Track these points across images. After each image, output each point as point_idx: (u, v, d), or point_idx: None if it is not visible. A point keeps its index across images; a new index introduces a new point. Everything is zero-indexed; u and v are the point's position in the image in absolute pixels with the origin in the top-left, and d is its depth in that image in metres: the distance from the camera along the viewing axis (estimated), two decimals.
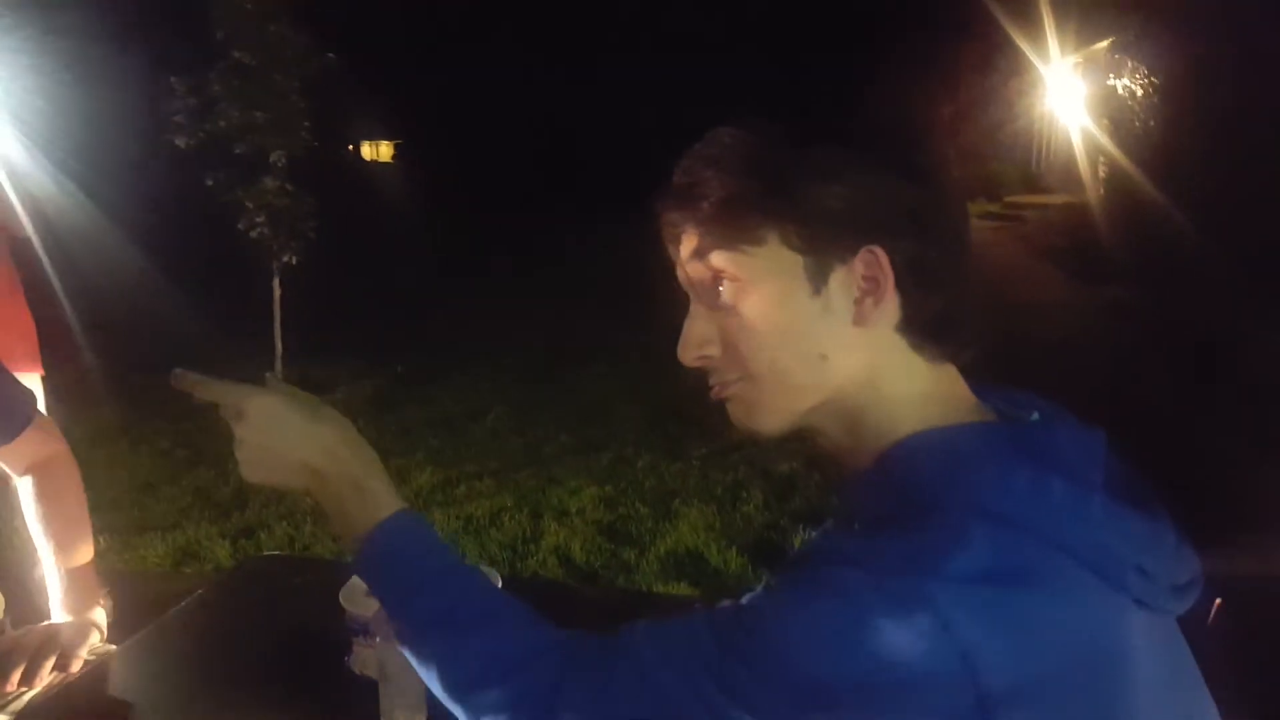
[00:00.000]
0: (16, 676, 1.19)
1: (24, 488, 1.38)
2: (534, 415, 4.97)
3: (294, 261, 5.01)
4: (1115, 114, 9.92)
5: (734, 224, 0.67)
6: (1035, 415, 0.69)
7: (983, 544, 0.56)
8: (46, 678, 1.21)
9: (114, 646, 1.30)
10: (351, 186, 13.53)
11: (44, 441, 1.38)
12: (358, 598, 1.14)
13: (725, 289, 0.69)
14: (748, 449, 4.11)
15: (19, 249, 2.25)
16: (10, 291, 2.09)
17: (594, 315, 7.45)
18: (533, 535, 3.42)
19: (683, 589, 2.94)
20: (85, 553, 1.38)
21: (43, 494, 1.37)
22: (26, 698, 1.19)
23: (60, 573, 1.35)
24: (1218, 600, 1.19)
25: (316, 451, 0.77)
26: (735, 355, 0.70)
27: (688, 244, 0.70)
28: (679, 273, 0.73)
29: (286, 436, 0.77)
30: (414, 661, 0.74)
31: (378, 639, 1.07)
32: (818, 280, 0.66)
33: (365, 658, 1.14)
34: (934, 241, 0.67)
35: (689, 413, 4.66)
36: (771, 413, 0.71)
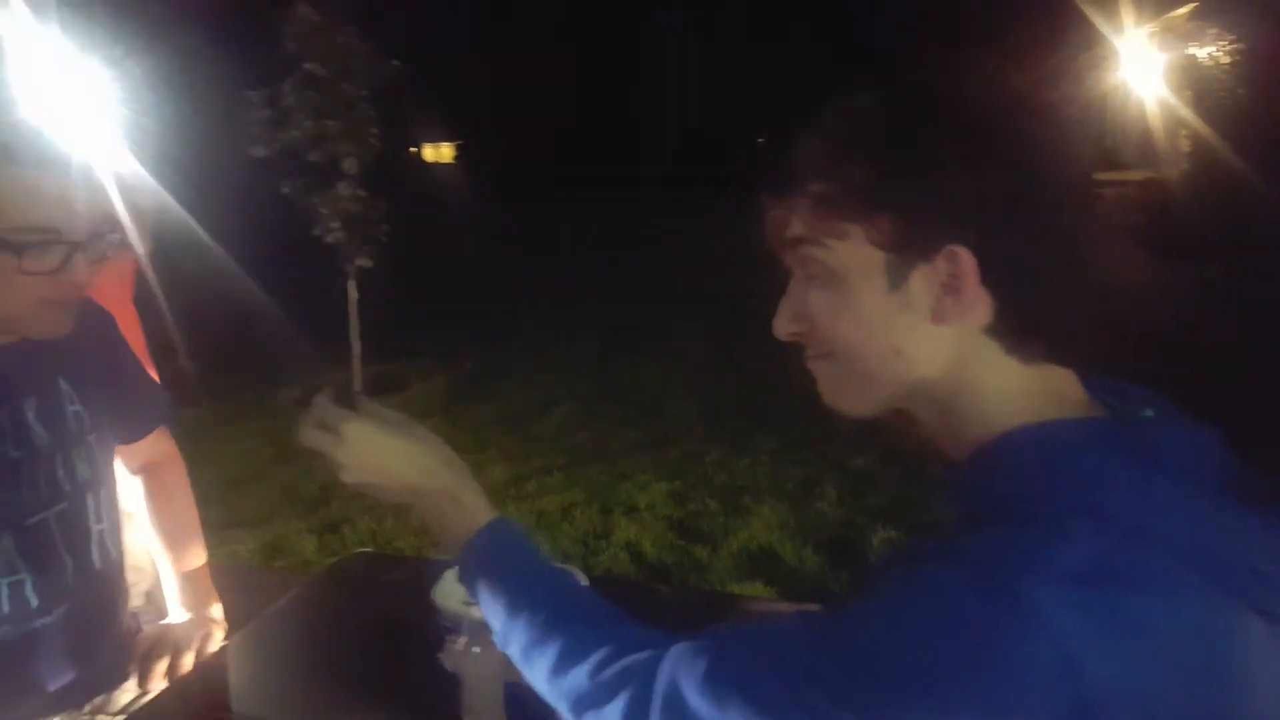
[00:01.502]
0: (159, 671, 1.28)
1: (137, 487, 1.45)
2: (600, 410, 5.03)
3: (368, 265, 5.16)
4: (1198, 84, 9.49)
5: (818, 218, 0.68)
6: (1148, 412, 0.67)
7: (1085, 543, 0.55)
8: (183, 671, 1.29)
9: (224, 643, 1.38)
10: (416, 188, 13.79)
11: (160, 442, 1.46)
12: (450, 595, 1.19)
13: (812, 271, 0.70)
14: (820, 444, 4.09)
15: (137, 263, 2.35)
16: (126, 302, 2.19)
17: (655, 308, 7.49)
18: (603, 531, 3.47)
19: (757, 588, 2.95)
20: (199, 551, 1.46)
21: (158, 493, 1.45)
22: (156, 694, 1.27)
23: (176, 571, 1.43)
24: None
25: (413, 470, 0.83)
26: (819, 335, 0.72)
27: (777, 226, 0.72)
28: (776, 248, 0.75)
29: (385, 459, 0.83)
30: (516, 660, 0.77)
31: (460, 641, 1.11)
32: (897, 277, 0.67)
33: (455, 653, 1.19)
34: (1034, 238, 0.64)
35: (756, 406, 4.66)
36: (850, 396, 0.73)
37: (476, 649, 1.08)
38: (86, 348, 1.25)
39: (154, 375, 2.23)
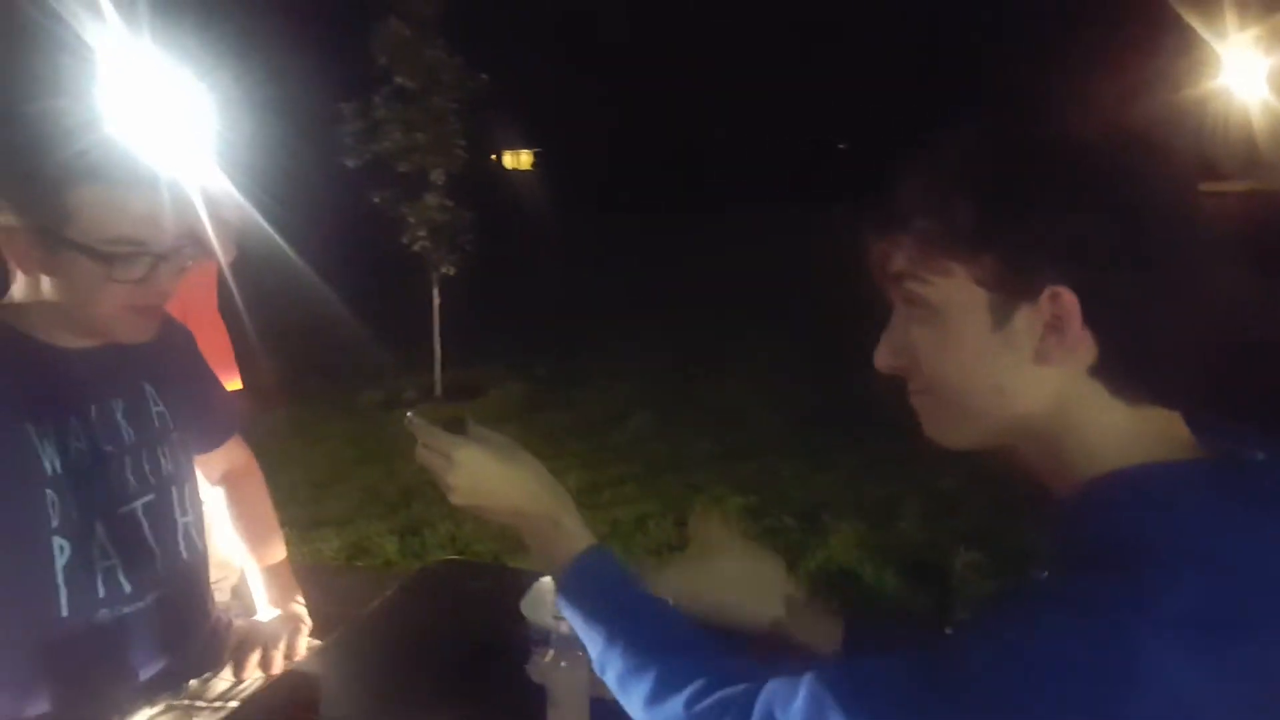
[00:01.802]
0: (253, 662, 1.34)
1: (219, 496, 1.53)
2: (675, 420, 5.03)
3: (452, 272, 5.29)
4: None
5: (921, 255, 0.69)
6: (1260, 455, 0.66)
7: (1195, 587, 0.55)
8: (277, 667, 1.35)
9: (317, 642, 1.43)
10: (497, 196, 14.07)
11: (238, 450, 1.54)
12: (539, 608, 1.21)
13: (916, 308, 0.71)
14: (903, 462, 4.01)
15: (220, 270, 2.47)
16: (211, 308, 2.30)
17: (734, 317, 7.47)
18: (678, 543, 3.46)
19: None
20: (279, 548, 1.53)
21: (239, 500, 1.53)
22: (251, 688, 1.33)
23: (260, 567, 1.50)
24: None
25: (518, 495, 0.86)
26: (921, 370, 0.72)
27: (880, 261, 0.72)
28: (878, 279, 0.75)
29: (492, 483, 0.87)
30: (613, 687, 0.79)
31: (548, 654, 1.13)
32: (1001, 316, 0.66)
33: (543, 666, 1.21)
34: (1140, 279, 0.63)
35: (836, 420, 4.60)
36: (952, 430, 0.73)
37: (564, 663, 1.09)
38: (168, 357, 1.33)
39: (238, 379, 2.33)
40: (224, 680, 1.34)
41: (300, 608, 1.49)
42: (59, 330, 1.20)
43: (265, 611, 1.48)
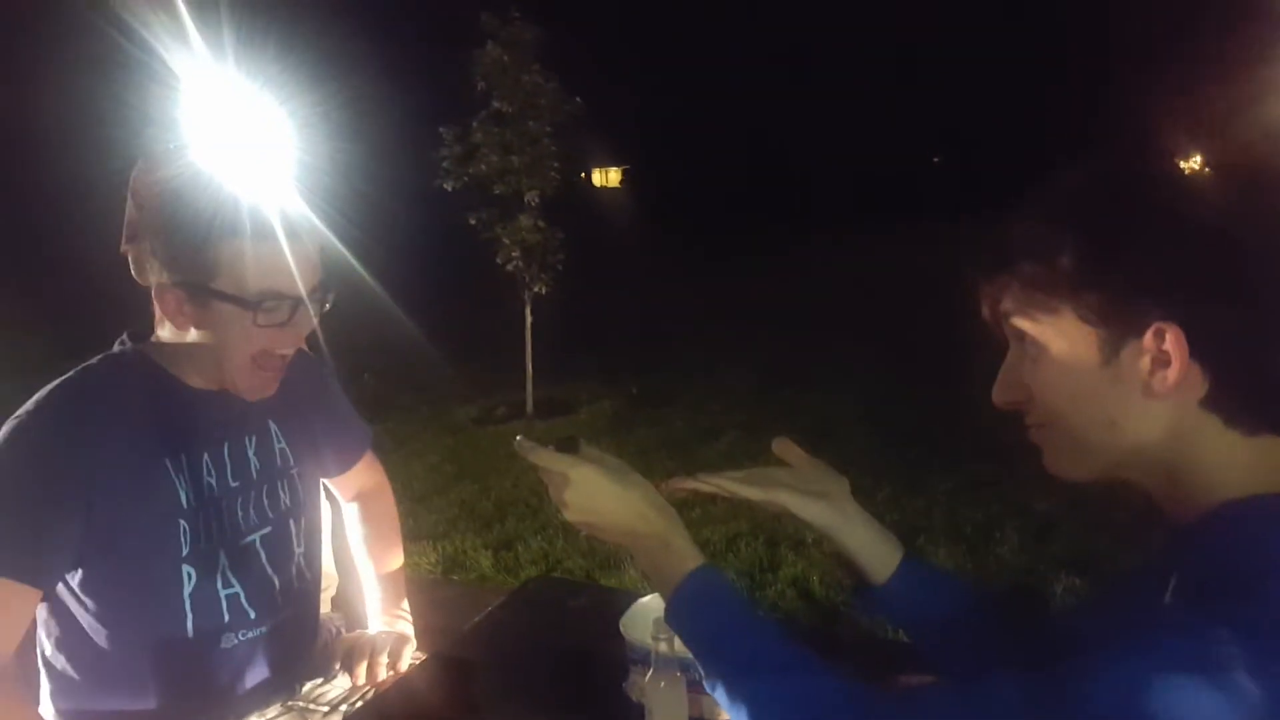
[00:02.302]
0: (361, 671, 1.40)
1: (350, 512, 1.61)
2: (764, 437, 4.88)
3: (543, 292, 5.40)
4: None
5: (1028, 297, 0.71)
6: None
7: None
8: (383, 677, 1.40)
9: (421, 655, 1.48)
10: (585, 213, 14.29)
11: (370, 471, 1.60)
12: (637, 627, 1.23)
13: (1027, 345, 0.73)
14: (1001, 484, 3.89)
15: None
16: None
17: (823, 335, 7.38)
18: (770, 564, 3.44)
19: None
20: (399, 559, 1.60)
21: (367, 519, 1.59)
22: (360, 697, 1.39)
23: (379, 587, 1.56)
24: None
25: (630, 515, 0.89)
26: (1036, 405, 0.75)
27: (991, 300, 0.75)
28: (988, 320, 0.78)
29: (605, 503, 0.90)
30: (722, 703, 0.80)
31: (647, 673, 1.15)
32: (1109, 352, 0.68)
33: (642, 685, 1.23)
34: (1243, 311, 0.64)
35: (931, 441, 4.49)
36: (1069, 463, 0.75)
37: (663, 683, 1.11)
38: (294, 394, 1.38)
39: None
40: (335, 687, 1.40)
41: (406, 622, 1.54)
42: (204, 374, 1.27)
43: (374, 623, 1.53)
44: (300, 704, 1.35)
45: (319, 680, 1.40)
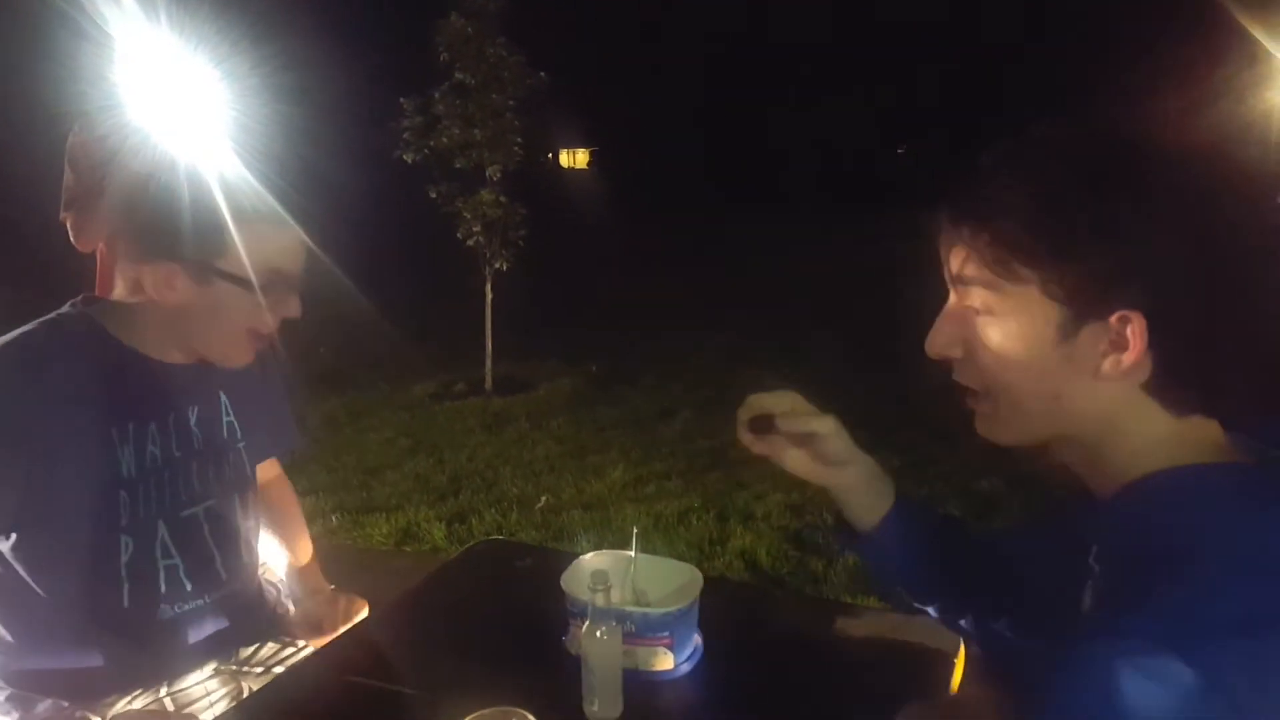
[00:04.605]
0: (303, 632, 1.41)
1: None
2: (721, 416, 5.00)
3: (505, 268, 5.37)
4: None
5: (998, 259, 0.69)
6: None
7: (1240, 593, 0.57)
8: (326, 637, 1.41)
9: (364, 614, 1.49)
10: (551, 194, 14.20)
11: (274, 464, 1.60)
12: (577, 582, 1.25)
13: (980, 306, 0.71)
14: (945, 463, 3.99)
15: None
16: None
17: (782, 316, 7.45)
18: (719, 538, 3.49)
19: (872, 603, 2.91)
20: (306, 548, 1.59)
21: (273, 506, 1.57)
22: (298, 655, 1.40)
23: (292, 568, 1.56)
24: None
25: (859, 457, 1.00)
26: (975, 366, 0.74)
27: (954, 257, 0.72)
28: (944, 269, 0.75)
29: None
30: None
31: (584, 626, 1.17)
32: (1068, 330, 0.67)
33: (580, 637, 1.26)
34: (1211, 307, 0.64)
35: (881, 423, 4.57)
36: (1004, 429, 0.75)
37: (599, 634, 1.14)
38: (250, 371, 1.37)
39: None
40: (270, 648, 1.41)
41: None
42: (162, 346, 1.26)
43: (313, 590, 1.53)
44: (233, 667, 1.36)
45: (256, 644, 1.40)
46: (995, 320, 0.70)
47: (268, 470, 1.58)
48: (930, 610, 1.03)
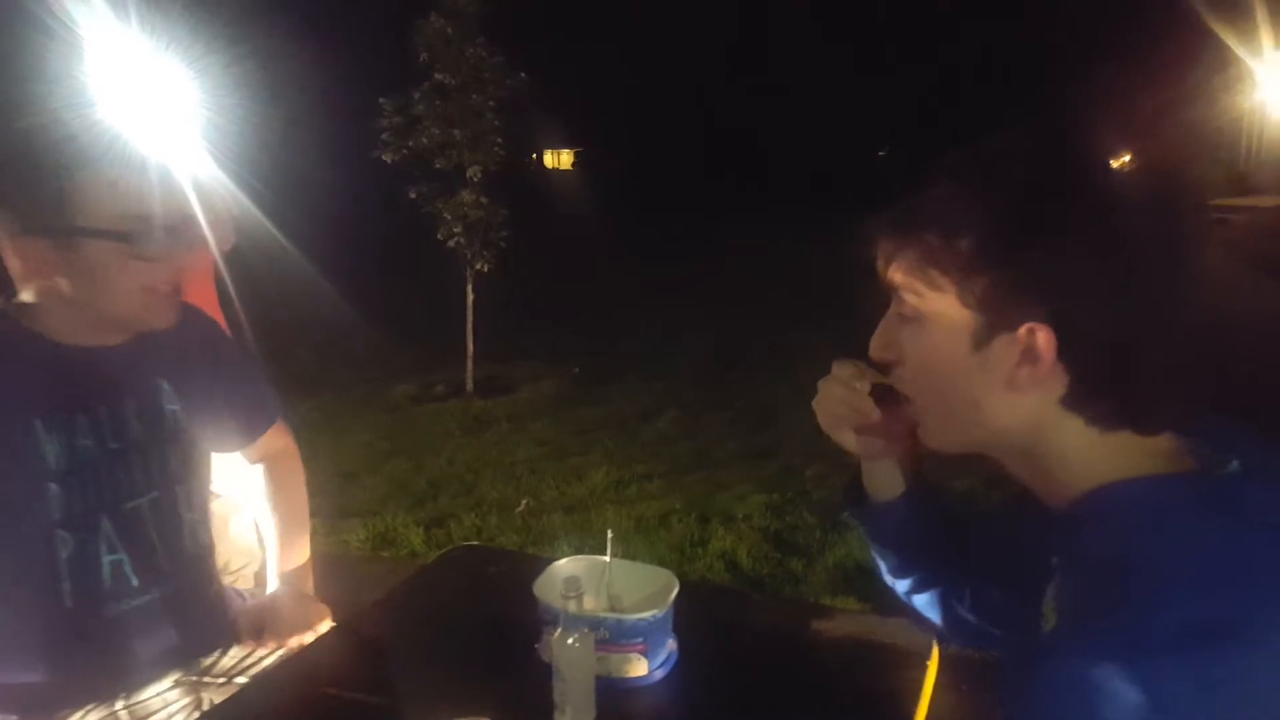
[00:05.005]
0: (268, 639, 1.38)
1: (257, 474, 1.56)
2: (703, 419, 5.06)
3: (486, 269, 5.34)
4: None
5: (919, 266, 0.72)
6: (1235, 463, 0.68)
7: (1179, 604, 0.58)
8: (292, 644, 1.39)
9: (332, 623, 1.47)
10: (535, 194, 14.17)
11: (277, 437, 1.56)
12: (550, 589, 1.24)
13: (907, 311, 0.74)
14: (924, 464, 4.00)
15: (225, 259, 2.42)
16: (209, 302, 2.25)
17: (766, 317, 7.46)
18: (700, 539, 3.49)
19: (851, 604, 2.92)
20: (303, 548, 1.55)
21: (273, 481, 1.55)
22: (255, 665, 1.37)
23: (280, 566, 1.52)
24: None
25: None
26: (906, 369, 0.77)
27: (886, 259, 0.75)
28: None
29: None
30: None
31: (556, 633, 1.16)
32: (980, 340, 0.69)
33: (551, 645, 1.24)
34: (1123, 319, 0.65)
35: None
36: (935, 433, 0.78)
37: (571, 641, 1.13)
38: (191, 352, 1.34)
39: None
40: (233, 657, 1.37)
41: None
42: (75, 329, 1.21)
43: (280, 586, 1.50)
44: (194, 678, 1.33)
45: (218, 653, 1.37)
46: (918, 327, 0.73)
47: (270, 444, 1.53)
48: (901, 586, 1.05)
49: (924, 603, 1.04)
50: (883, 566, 1.06)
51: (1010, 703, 0.62)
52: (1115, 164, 0.69)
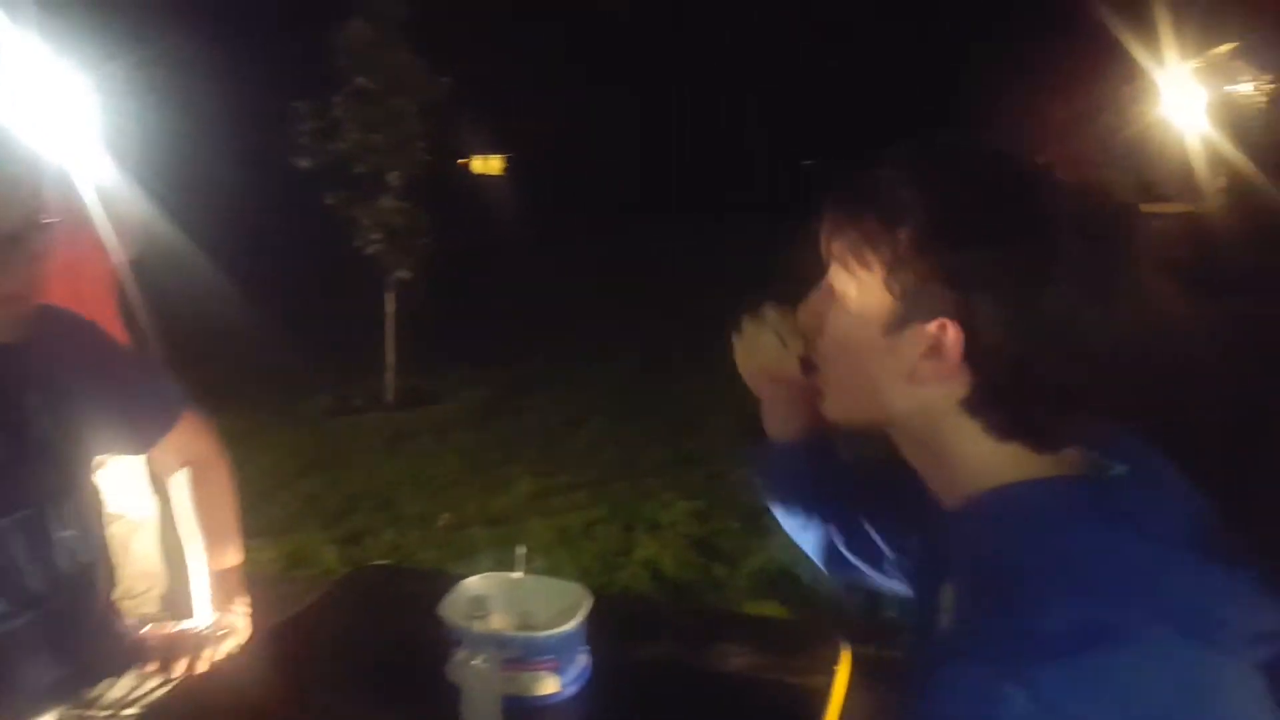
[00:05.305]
0: (181, 667, 1.31)
1: (178, 482, 1.48)
2: (630, 426, 5.04)
3: (407, 277, 5.24)
4: (1236, 121, 9.42)
5: (853, 246, 0.72)
6: (1122, 468, 0.69)
7: (1063, 609, 0.58)
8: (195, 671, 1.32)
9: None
10: (462, 200, 13.99)
11: (196, 438, 1.48)
12: (456, 609, 1.21)
13: (834, 286, 0.75)
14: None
15: (126, 270, 2.30)
16: (107, 314, 2.11)
17: (693, 325, 7.49)
18: (625, 548, 3.47)
19: (772, 607, 2.94)
20: (234, 554, 1.49)
21: (195, 490, 1.47)
22: (155, 694, 1.30)
23: (208, 571, 1.46)
24: None
25: None
26: (822, 341, 0.78)
27: (824, 234, 0.76)
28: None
29: None
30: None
31: (463, 654, 1.13)
32: (894, 326, 0.70)
33: (457, 666, 1.21)
34: (1034, 337, 0.66)
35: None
36: (835, 407, 0.79)
37: (477, 662, 1.10)
38: (64, 362, 1.26)
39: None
40: (123, 687, 1.30)
41: (240, 617, 1.45)
42: None
43: (201, 617, 1.44)
44: (78, 712, 1.26)
45: (108, 682, 1.30)
46: (841, 301, 0.74)
47: (187, 450, 1.46)
48: (789, 524, 1.11)
49: (807, 541, 1.10)
50: (772, 504, 1.11)
51: (906, 704, 0.63)
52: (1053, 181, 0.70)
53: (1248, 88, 9.06)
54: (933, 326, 0.67)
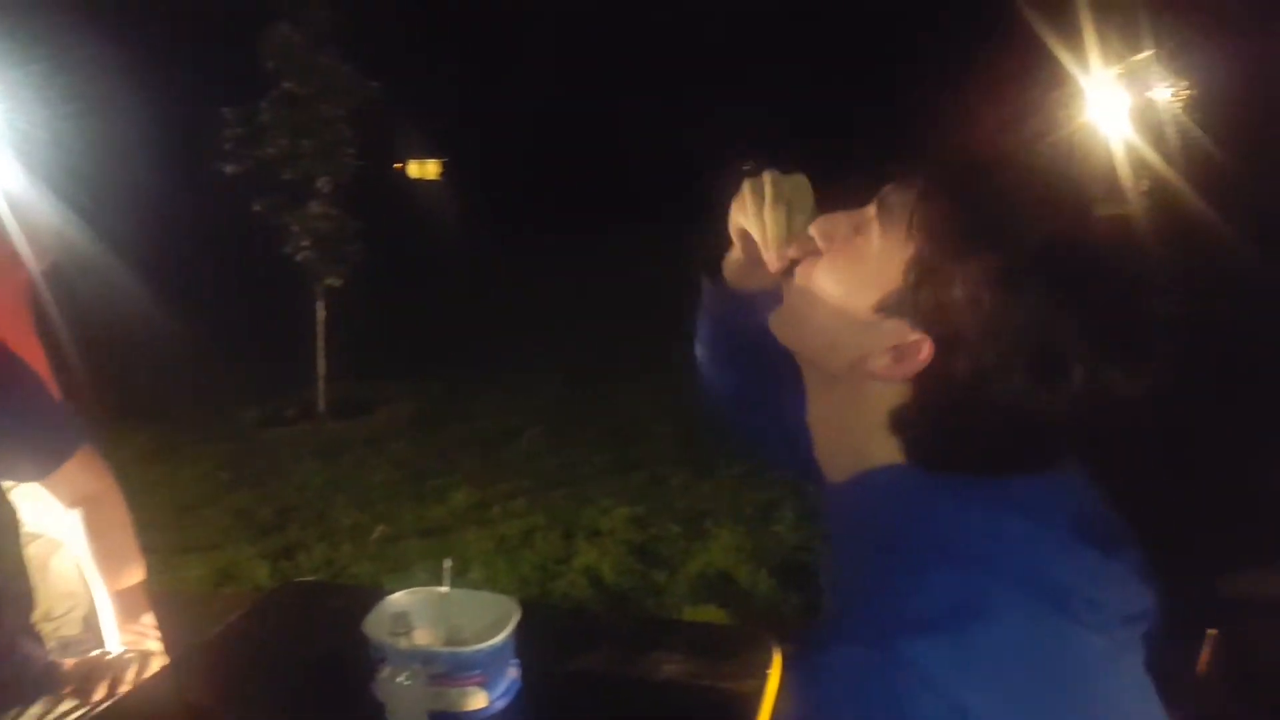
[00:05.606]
0: (101, 692, 1.26)
1: (74, 521, 1.45)
2: (569, 434, 5.02)
3: (337, 284, 5.14)
4: (1156, 126, 9.81)
5: (914, 215, 0.67)
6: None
7: (941, 585, 0.60)
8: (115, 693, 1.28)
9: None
10: (397, 206, 13.78)
11: (89, 474, 1.44)
12: (379, 626, 1.18)
13: (860, 229, 0.71)
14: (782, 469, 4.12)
15: (40, 281, 2.20)
16: (18, 328, 2.06)
17: (632, 331, 7.50)
18: (564, 555, 3.45)
19: (711, 611, 2.95)
20: (134, 572, 1.46)
21: (92, 529, 1.44)
22: (74, 716, 1.26)
23: (110, 591, 1.43)
24: (1212, 631, 1.19)
25: None
26: (820, 264, 0.73)
27: (889, 185, 0.71)
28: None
29: None
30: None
31: (387, 670, 1.11)
32: (889, 304, 0.67)
33: (382, 683, 1.19)
34: (980, 382, 0.64)
35: (719, 431, 4.67)
36: (782, 326, 0.77)
37: (402, 679, 1.08)
38: None
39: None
40: (34, 713, 1.27)
41: (149, 638, 1.42)
42: None
43: (113, 642, 1.41)
44: None
45: (14, 712, 1.25)
46: (859, 247, 0.70)
47: (81, 484, 1.42)
48: (717, 383, 1.08)
49: (725, 382, 1.07)
50: (699, 341, 1.08)
51: (795, 690, 0.64)
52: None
53: (1166, 94, 9.46)
54: (915, 335, 0.66)
